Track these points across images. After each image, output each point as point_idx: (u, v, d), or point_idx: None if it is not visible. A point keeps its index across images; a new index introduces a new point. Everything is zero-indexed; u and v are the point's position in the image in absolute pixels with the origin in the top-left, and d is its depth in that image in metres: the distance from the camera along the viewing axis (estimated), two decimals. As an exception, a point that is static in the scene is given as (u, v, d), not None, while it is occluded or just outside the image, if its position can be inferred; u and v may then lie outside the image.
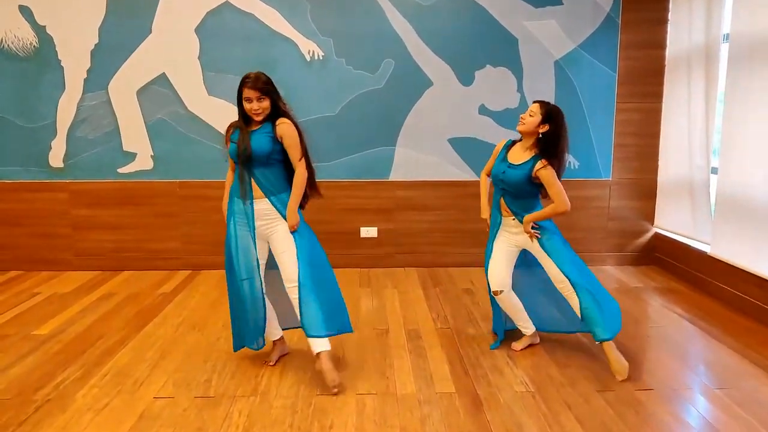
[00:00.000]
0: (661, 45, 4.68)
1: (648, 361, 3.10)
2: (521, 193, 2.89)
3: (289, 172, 2.84)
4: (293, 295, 2.75)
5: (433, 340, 3.29)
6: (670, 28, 4.65)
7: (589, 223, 4.89)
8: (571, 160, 4.77)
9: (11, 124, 4.62)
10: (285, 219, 2.78)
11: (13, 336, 3.38)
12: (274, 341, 3.06)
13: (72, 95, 4.62)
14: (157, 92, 4.63)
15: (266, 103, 2.73)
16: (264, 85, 2.70)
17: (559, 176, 2.82)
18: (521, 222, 2.93)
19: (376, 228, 4.83)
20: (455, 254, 4.88)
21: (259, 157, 2.72)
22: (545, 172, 2.78)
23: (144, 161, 4.70)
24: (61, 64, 4.58)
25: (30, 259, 4.78)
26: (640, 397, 2.63)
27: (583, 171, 4.81)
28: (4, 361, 3.05)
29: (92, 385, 2.78)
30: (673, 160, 4.63)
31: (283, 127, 2.75)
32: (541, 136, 2.83)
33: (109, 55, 4.57)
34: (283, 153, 2.79)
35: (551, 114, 2.80)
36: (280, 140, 2.75)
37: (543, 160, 2.79)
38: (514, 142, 3.01)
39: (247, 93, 2.69)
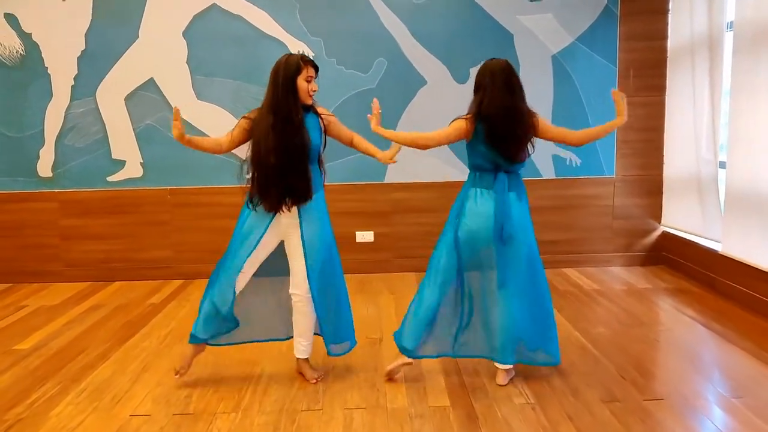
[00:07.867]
0: (662, 36, 4.58)
1: (658, 368, 2.97)
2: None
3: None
4: (297, 305, 2.70)
5: (429, 349, 3.13)
6: (671, 17, 4.56)
7: (592, 222, 4.74)
8: (571, 157, 4.65)
9: (-2, 134, 4.56)
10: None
11: (-6, 352, 3.30)
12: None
13: (59, 103, 4.54)
14: (146, 98, 4.55)
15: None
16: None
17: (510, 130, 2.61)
18: None
19: (372, 232, 4.70)
20: (455, 258, 4.74)
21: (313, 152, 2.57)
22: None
23: (133, 169, 4.61)
24: (48, 71, 4.51)
25: (18, 271, 4.69)
26: (649, 408, 2.46)
27: (585, 169, 4.67)
28: (-18, 378, 2.95)
29: (68, 402, 2.67)
30: (679, 155, 4.50)
31: (331, 117, 2.70)
32: None
33: (96, 61, 4.49)
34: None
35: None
36: (325, 132, 2.64)
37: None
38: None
39: (309, 71, 2.51)
